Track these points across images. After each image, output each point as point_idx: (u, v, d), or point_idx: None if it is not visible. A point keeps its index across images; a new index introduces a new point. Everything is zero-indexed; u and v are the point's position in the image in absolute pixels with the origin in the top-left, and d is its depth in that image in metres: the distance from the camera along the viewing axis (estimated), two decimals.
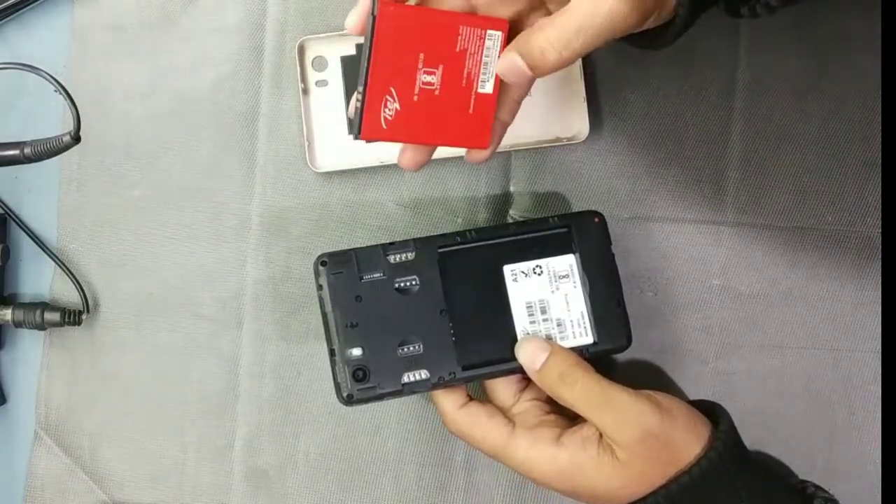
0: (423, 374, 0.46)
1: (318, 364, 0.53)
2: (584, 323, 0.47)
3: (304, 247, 0.53)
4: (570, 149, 0.52)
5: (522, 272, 0.47)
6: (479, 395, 0.48)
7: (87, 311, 0.53)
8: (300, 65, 0.51)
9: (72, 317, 0.52)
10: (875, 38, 0.52)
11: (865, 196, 0.52)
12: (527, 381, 0.48)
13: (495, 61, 0.43)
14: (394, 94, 0.42)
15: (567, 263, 0.48)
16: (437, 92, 0.42)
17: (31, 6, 0.52)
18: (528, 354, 0.45)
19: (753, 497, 0.43)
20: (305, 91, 0.51)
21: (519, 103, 0.44)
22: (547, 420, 0.46)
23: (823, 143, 0.52)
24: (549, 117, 0.52)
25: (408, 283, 0.46)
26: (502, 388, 0.48)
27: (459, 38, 0.42)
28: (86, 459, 0.54)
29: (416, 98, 0.42)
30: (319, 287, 0.46)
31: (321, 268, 0.46)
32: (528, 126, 0.52)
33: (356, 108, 0.41)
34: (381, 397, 0.45)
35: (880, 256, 0.52)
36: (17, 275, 0.54)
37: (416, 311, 0.46)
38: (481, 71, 0.43)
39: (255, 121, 0.53)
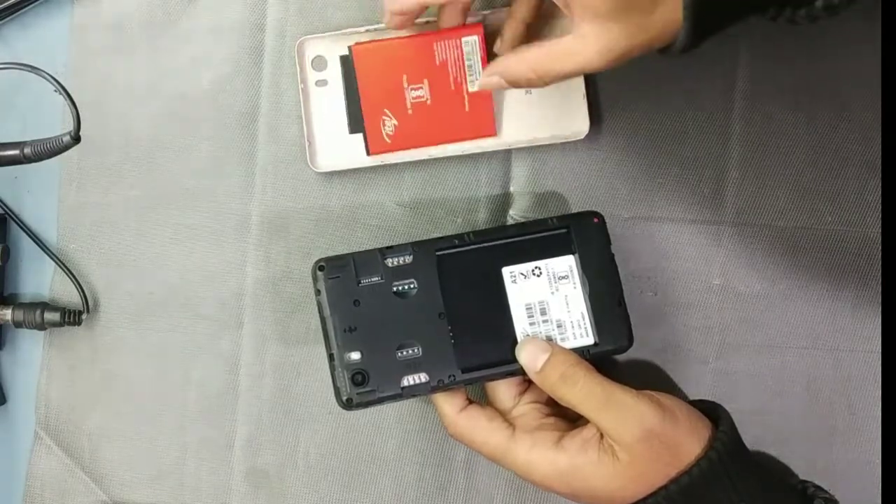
0: (423, 377, 0.46)
1: (318, 364, 0.53)
2: (585, 324, 0.47)
3: (304, 247, 0.53)
4: (571, 149, 0.52)
5: (521, 274, 0.47)
6: (480, 399, 0.48)
7: (87, 311, 0.53)
8: (299, 65, 0.51)
9: (72, 317, 0.52)
10: (875, 39, 0.52)
11: (865, 196, 0.52)
12: (527, 384, 0.48)
13: (478, 62, 0.49)
14: (389, 113, 0.49)
15: (566, 264, 0.47)
16: (428, 102, 0.49)
17: (31, 6, 0.52)
18: (529, 355, 0.45)
19: (753, 497, 0.43)
20: (305, 91, 0.51)
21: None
22: (547, 423, 0.46)
23: (823, 143, 0.52)
24: (549, 114, 0.52)
25: (406, 287, 0.46)
26: (502, 391, 0.48)
27: (436, 52, 0.49)
28: (86, 459, 0.54)
29: (410, 112, 0.49)
30: (317, 292, 0.46)
31: (319, 273, 0.46)
32: (527, 123, 0.52)
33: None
34: (380, 401, 0.45)
35: (880, 256, 0.52)
36: (17, 275, 0.54)
37: (415, 314, 0.46)
38: (467, 73, 0.49)
39: (255, 121, 0.53)
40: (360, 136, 0.51)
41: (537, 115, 0.52)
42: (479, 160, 0.53)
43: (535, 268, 0.47)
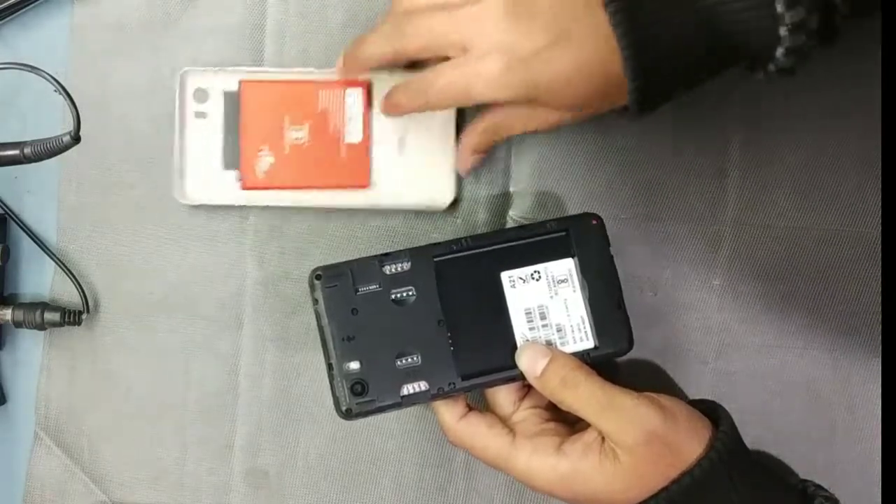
0: (423, 385, 0.45)
1: (317, 365, 0.53)
2: (585, 327, 0.47)
3: (302, 247, 0.53)
4: (571, 149, 0.52)
5: (520, 278, 0.47)
6: (480, 404, 0.48)
7: (87, 311, 0.53)
8: (180, 95, 0.51)
9: (72, 317, 0.52)
10: (875, 38, 0.52)
11: (865, 196, 0.52)
12: (527, 389, 0.48)
13: (359, 114, 0.51)
14: (266, 150, 0.51)
15: (566, 268, 0.47)
16: (306, 144, 0.51)
17: (31, 6, 0.52)
18: (529, 360, 0.45)
19: (754, 497, 0.43)
20: (182, 121, 0.51)
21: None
22: (547, 428, 0.46)
23: (823, 143, 0.52)
24: (420, 180, 0.51)
25: (404, 294, 0.46)
26: (502, 397, 0.48)
27: (320, 99, 0.51)
28: (85, 460, 0.54)
29: (287, 151, 0.51)
30: (315, 301, 0.46)
31: (316, 281, 0.46)
32: (399, 183, 0.51)
33: None
34: (380, 410, 0.45)
35: (880, 256, 0.52)
36: (17, 275, 0.54)
37: (414, 321, 0.46)
38: (347, 123, 0.51)
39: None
40: (233, 172, 0.52)
41: (409, 177, 0.51)
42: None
43: (535, 272, 0.47)
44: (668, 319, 0.53)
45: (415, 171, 0.51)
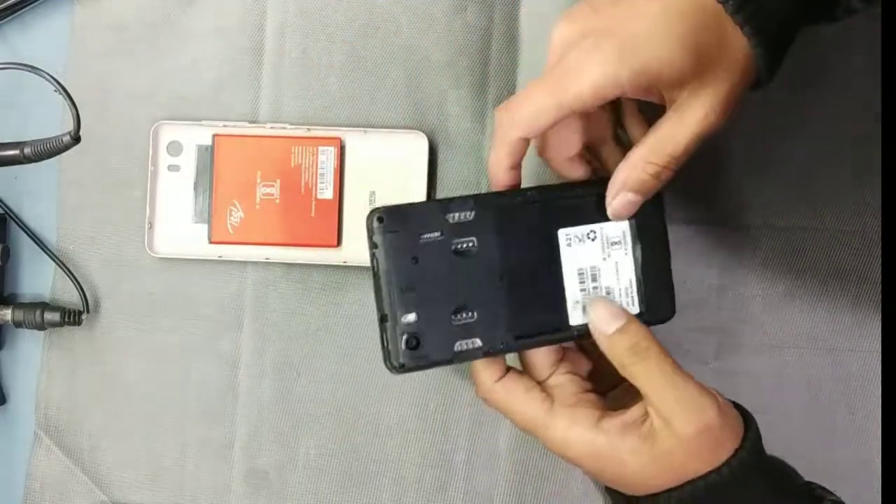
0: (476, 342, 0.43)
1: (317, 364, 0.53)
2: (632, 292, 0.45)
3: None
4: None
5: (577, 237, 0.44)
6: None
7: (87, 311, 0.53)
8: (153, 147, 0.52)
9: (72, 317, 0.52)
10: (875, 38, 0.52)
11: (865, 196, 0.52)
12: (563, 353, 0.46)
13: (331, 172, 0.51)
14: (237, 205, 0.51)
15: (620, 230, 0.45)
16: (277, 201, 0.51)
17: (31, 6, 0.52)
18: (601, 316, 0.43)
19: (774, 498, 0.43)
20: (155, 174, 0.52)
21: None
22: (585, 399, 0.44)
23: (823, 143, 0.52)
24: None
25: (465, 245, 0.43)
26: (539, 360, 0.45)
27: (293, 155, 0.51)
28: (85, 460, 0.54)
29: (258, 207, 0.51)
30: (374, 245, 0.42)
31: (377, 224, 0.41)
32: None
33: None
34: (431, 365, 0.42)
35: (880, 256, 0.52)
36: (17, 275, 0.54)
37: (473, 275, 0.43)
38: (319, 180, 0.51)
39: (254, 121, 0.53)
40: (203, 226, 0.52)
41: None
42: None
43: (591, 231, 0.45)
44: None
45: None
